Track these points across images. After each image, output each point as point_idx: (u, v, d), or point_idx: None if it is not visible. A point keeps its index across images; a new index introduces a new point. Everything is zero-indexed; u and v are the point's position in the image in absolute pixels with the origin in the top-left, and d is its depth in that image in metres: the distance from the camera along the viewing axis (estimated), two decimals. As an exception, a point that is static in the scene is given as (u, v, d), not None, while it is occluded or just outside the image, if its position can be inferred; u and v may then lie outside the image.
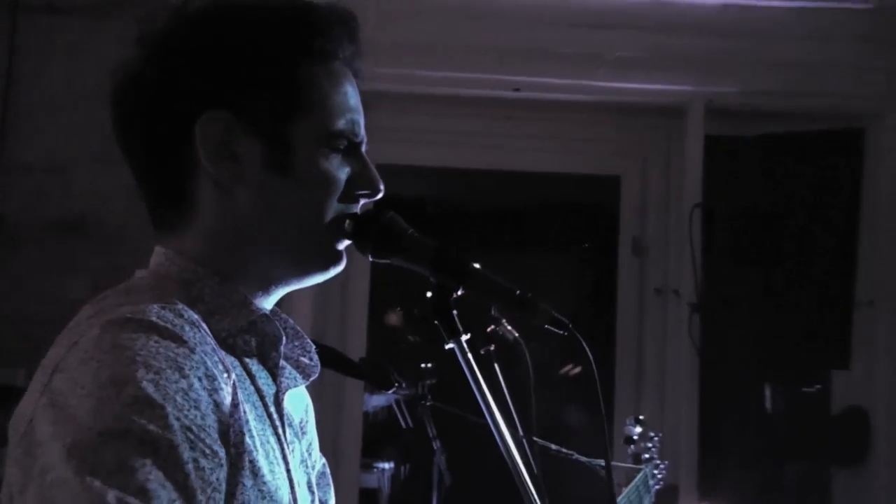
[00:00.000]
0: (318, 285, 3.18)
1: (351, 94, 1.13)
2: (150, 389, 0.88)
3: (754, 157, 3.22)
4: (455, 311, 1.10)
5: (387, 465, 4.70)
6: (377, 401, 4.39)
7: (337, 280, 3.17)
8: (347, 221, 1.10)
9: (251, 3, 1.11)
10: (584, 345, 1.10)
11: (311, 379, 1.17)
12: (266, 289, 1.11)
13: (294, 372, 1.15)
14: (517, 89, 3.21)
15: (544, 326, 1.10)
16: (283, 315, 1.17)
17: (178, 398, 0.89)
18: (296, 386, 1.14)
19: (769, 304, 3.20)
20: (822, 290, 3.20)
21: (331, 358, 1.19)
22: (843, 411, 3.27)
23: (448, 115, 3.33)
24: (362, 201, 1.13)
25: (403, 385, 1.56)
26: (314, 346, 1.18)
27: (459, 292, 1.10)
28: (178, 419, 0.88)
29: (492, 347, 2.12)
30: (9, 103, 2.98)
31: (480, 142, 3.37)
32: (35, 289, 2.91)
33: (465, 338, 1.09)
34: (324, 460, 1.31)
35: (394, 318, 4.54)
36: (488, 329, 2.13)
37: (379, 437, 4.60)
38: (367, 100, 3.60)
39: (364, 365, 1.61)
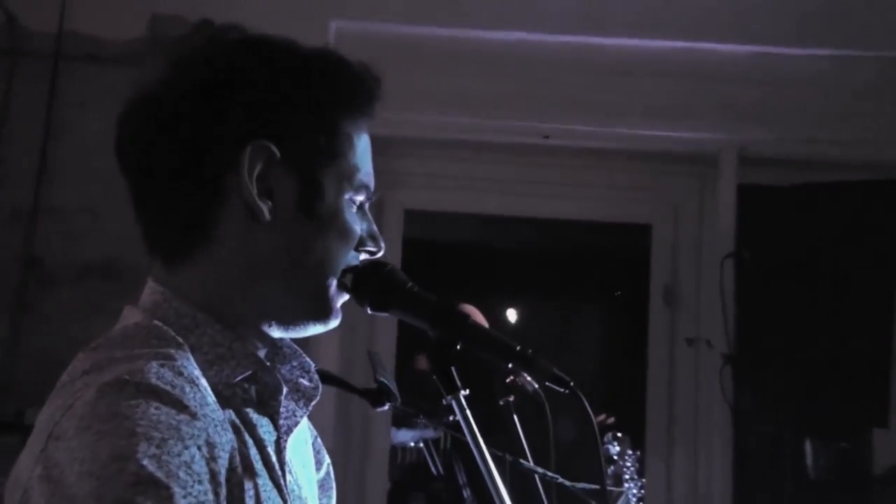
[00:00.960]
0: (344, 323, 3.17)
1: (369, 154, 1.16)
2: (153, 467, 0.84)
3: (789, 207, 3.18)
4: (454, 367, 1.09)
5: (416, 513, 4.65)
6: (404, 436, 4.37)
7: (365, 324, 3.20)
8: (347, 275, 1.10)
9: (291, 45, 1.12)
10: (586, 403, 1.08)
11: (313, 404, 1.15)
12: (269, 332, 1.10)
13: (292, 406, 1.12)
14: (547, 136, 3.21)
15: (545, 384, 1.08)
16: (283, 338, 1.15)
17: (182, 473, 0.86)
18: (296, 423, 1.11)
19: (805, 356, 3.13)
20: (859, 343, 3.13)
21: (322, 377, 1.18)
22: (886, 471, 3.18)
23: (477, 161, 3.33)
24: (363, 257, 1.13)
25: (399, 401, 1.53)
26: (313, 366, 1.16)
27: (458, 347, 1.09)
28: (184, 497, 0.84)
29: (511, 398, 2.11)
30: (47, 149, 3.04)
31: (509, 188, 3.36)
32: (65, 330, 2.94)
33: (463, 394, 1.08)
34: (328, 461, 1.31)
35: (423, 363, 4.52)
36: (508, 380, 2.12)
37: (409, 481, 4.57)
38: (398, 146, 3.64)
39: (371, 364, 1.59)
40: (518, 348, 1.08)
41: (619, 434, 2.04)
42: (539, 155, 3.32)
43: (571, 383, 1.07)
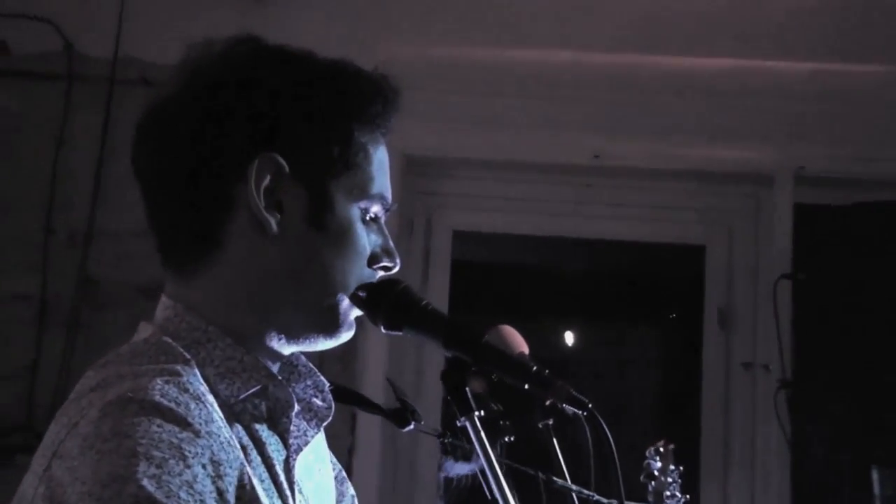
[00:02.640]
0: (391, 355, 3.15)
1: (387, 165, 1.14)
2: (152, 488, 0.83)
3: (846, 227, 3.08)
4: (468, 387, 1.06)
5: (470, 539, 4.60)
6: (461, 469, 4.33)
7: (412, 348, 3.19)
8: (361, 292, 1.09)
9: (307, 56, 1.11)
10: (604, 424, 1.05)
11: (325, 424, 1.13)
12: (278, 348, 1.09)
13: (304, 425, 1.11)
14: (597, 156, 3.17)
15: (562, 405, 1.05)
16: (296, 353, 1.14)
17: (183, 493, 0.85)
18: (307, 442, 1.10)
19: (865, 381, 3.02)
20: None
21: (343, 394, 1.17)
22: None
23: (527, 181, 3.30)
24: (379, 274, 1.12)
25: (422, 422, 1.51)
26: (328, 385, 1.15)
27: (473, 367, 1.06)
28: None
29: (550, 421, 2.07)
30: (102, 172, 3.11)
31: (560, 209, 3.32)
32: (118, 351, 2.98)
33: (477, 415, 1.05)
34: (352, 492, 1.29)
35: (477, 385, 4.49)
36: (547, 402, 2.08)
37: (463, 506, 4.52)
38: (446, 166, 3.64)
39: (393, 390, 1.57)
40: (534, 369, 1.05)
41: (662, 449, 1.96)
42: (590, 175, 3.28)
43: (589, 405, 1.04)
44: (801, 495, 3.03)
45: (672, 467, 1.95)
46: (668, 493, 1.91)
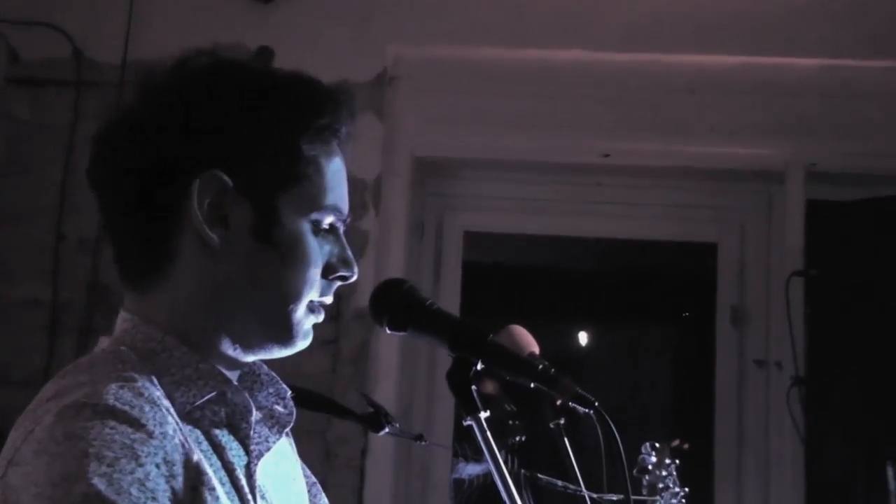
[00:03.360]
0: (402, 358, 3.15)
1: (342, 176, 1.13)
2: (102, 486, 0.85)
3: (859, 223, 3.06)
4: (474, 387, 1.06)
5: (484, 539, 4.59)
6: (472, 470, 4.32)
7: (424, 349, 3.19)
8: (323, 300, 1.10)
9: (259, 70, 1.12)
10: (611, 423, 1.04)
11: (286, 430, 1.14)
12: (234, 357, 1.09)
13: (266, 431, 1.11)
14: (607, 155, 3.16)
15: (568, 404, 1.05)
16: (257, 362, 1.14)
17: (134, 490, 0.87)
18: (269, 448, 1.10)
19: (879, 378, 3.00)
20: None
21: (317, 402, 1.17)
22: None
23: (537, 181, 3.29)
24: (336, 284, 1.12)
25: (397, 425, 1.52)
26: (289, 392, 1.15)
27: (479, 367, 1.06)
28: None
29: (561, 421, 2.06)
30: (112, 176, 3.11)
31: (570, 209, 3.31)
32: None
33: (483, 415, 1.05)
34: (326, 500, 1.27)
35: (490, 387, 4.48)
36: (558, 402, 2.07)
37: (477, 505, 4.51)
38: (455, 167, 3.63)
39: (366, 402, 1.58)
40: (540, 367, 1.04)
41: (658, 444, 1.97)
42: (600, 174, 3.27)
43: (595, 403, 1.03)
44: (815, 492, 3.01)
45: (668, 461, 1.95)
46: (661, 485, 1.90)
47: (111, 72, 3.11)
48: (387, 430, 1.47)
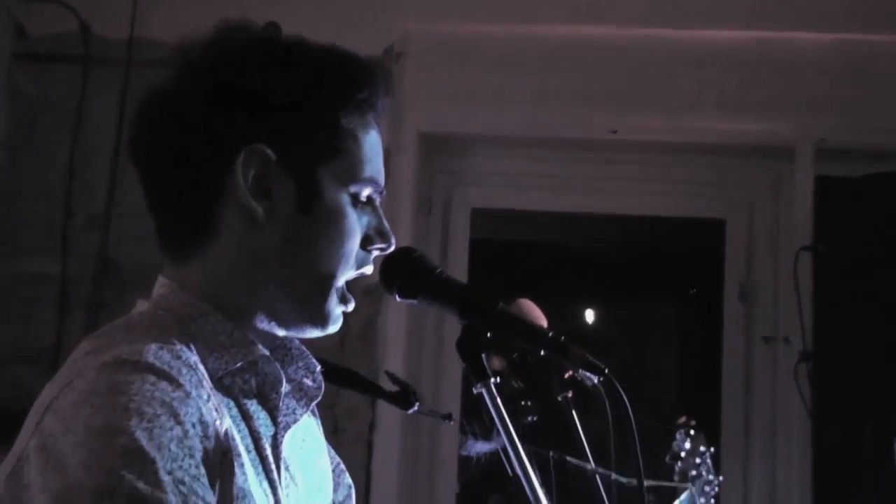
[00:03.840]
0: (410, 334, 3.14)
1: (379, 148, 1.14)
2: (143, 440, 0.87)
3: (868, 198, 3.05)
4: (483, 354, 1.06)
5: (492, 514, 4.62)
6: (482, 447, 4.34)
7: (431, 325, 3.19)
8: (363, 271, 1.11)
9: (297, 44, 1.12)
10: (621, 390, 1.04)
11: (314, 403, 1.15)
12: (269, 329, 1.10)
13: (294, 404, 1.12)
14: (615, 131, 3.15)
15: (579, 371, 1.05)
16: (289, 336, 1.15)
17: (173, 447, 0.88)
18: (296, 421, 1.11)
19: (888, 353, 3.00)
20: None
21: (347, 378, 1.17)
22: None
23: (545, 158, 3.28)
24: (375, 254, 1.13)
25: (424, 405, 1.52)
26: (318, 367, 1.16)
27: (488, 334, 1.06)
28: (169, 472, 0.87)
29: (569, 394, 2.07)
30: (120, 153, 3.12)
31: (578, 185, 3.30)
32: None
33: (493, 381, 1.05)
34: (350, 483, 1.29)
35: (496, 363, 4.49)
36: (566, 375, 2.08)
37: (484, 484, 4.53)
38: (463, 144, 3.61)
39: (391, 381, 1.58)
40: (550, 334, 1.05)
41: (693, 431, 1.96)
42: (608, 150, 3.26)
43: (606, 370, 1.04)
44: (822, 467, 3.02)
45: (703, 448, 1.94)
46: (693, 472, 1.90)
47: (119, 48, 3.12)
48: (416, 408, 1.48)
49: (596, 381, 2.07)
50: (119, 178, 3.12)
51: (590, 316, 4.91)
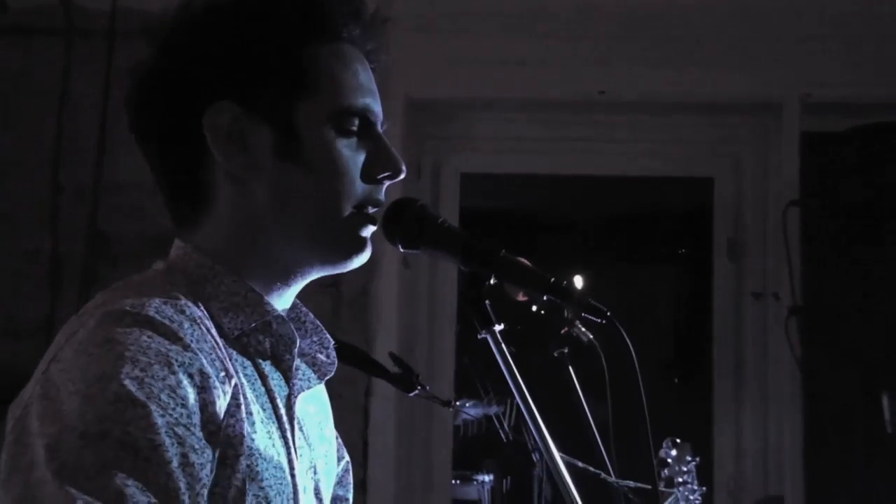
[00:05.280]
0: (402, 302, 3.14)
1: (361, 74, 1.11)
2: (134, 387, 0.88)
3: (855, 151, 3.06)
4: (487, 301, 1.07)
5: (487, 478, 4.67)
6: (468, 412, 4.37)
7: (424, 292, 3.19)
8: (370, 208, 1.09)
9: None
10: (624, 333, 1.06)
11: (327, 378, 1.16)
12: (286, 280, 1.10)
13: (309, 372, 1.14)
14: (602, 91, 3.15)
15: (581, 315, 1.06)
16: (304, 309, 1.16)
17: (164, 396, 0.90)
18: (309, 388, 1.13)
19: (876, 307, 3.03)
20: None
21: (354, 356, 1.18)
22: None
23: (532, 121, 3.29)
24: (386, 183, 1.12)
25: (427, 388, 1.54)
26: (332, 343, 1.17)
27: (491, 281, 1.07)
28: (162, 416, 0.88)
29: (566, 350, 2.08)
30: (107, 126, 3.10)
31: (566, 147, 3.31)
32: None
33: (497, 328, 1.06)
34: (347, 458, 1.29)
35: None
36: (562, 331, 2.09)
37: (479, 449, 4.58)
38: (450, 108, 3.58)
39: (393, 362, 1.59)
40: (553, 279, 1.05)
41: (679, 440, 1.98)
42: (595, 111, 3.26)
43: (608, 313, 1.05)
44: (812, 421, 3.06)
45: (689, 458, 1.96)
46: (679, 479, 1.92)
47: (101, 19, 3.08)
48: (417, 391, 1.49)
49: (591, 336, 2.09)
50: (107, 151, 3.10)
51: (579, 280, 4.93)
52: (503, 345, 1.06)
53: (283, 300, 1.12)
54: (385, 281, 3.07)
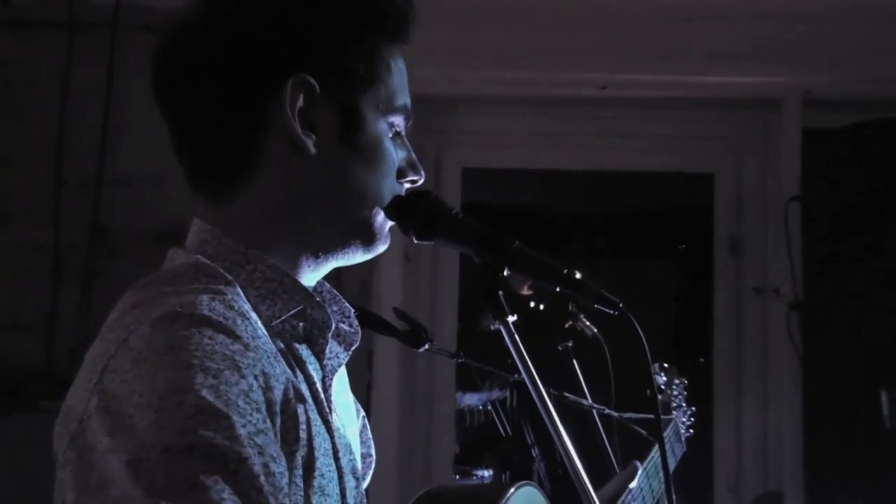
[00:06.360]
0: (406, 291, 3.14)
1: (407, 92, 1.13)
2: (212, 397, 0.83)
3: (855, 147, 3.07)
4: (501, 292, 1.08)
5: (486, 473, 4.68)
6: (471, 399, 4.39)
7: (425, 287, 3.20)
8: (393, 203, 1.10)
9: None
10: (636, 324, 1.06)
11: (353, 348, 1.14)
12: (315, 264, 1.09)
13: (336, 347, 1.12)
14: (604, 87, 3.16)
15: (594, 306, 1.07)
16: (320, 281, 1.15)
17: (241, 402, 0.85)
18: (340, 365, 1.12)
19: (876, 302, 3.04)
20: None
21: (363, 318, 1.17)
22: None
23: (534, 116, 3.29)
24: (405, 188, 1.13)
25: (435, 343, 1.54)
26: (353, 311, 1.16)
27: (505, 273, 1.08)
28: (244, 426, 0.84)
29: (570, 343, 2.10)
30: (109, 120, 3.10)
31: (568, 142, 3.32)
32: (134, 297, 3.00)
33: (511, 319, 1.07)
34: (363, 413, 1.29)
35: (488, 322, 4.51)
36: (567, 325, 2.11)
37: (478, 443, 4.59)
38: (453, 104, 3.58)
39: (399, 318, 1.60)
40: (565, 271, 1.06)
41: (666, 364, 2.02)
42: (597, 107, 3.27)
43: (620, 304, 1.05)
44: (812, 416, 3.07)
45: (677, 381, 1.99)
46: (674, 404, 1.95)
47: (104, 12, 3.08)
48: (426, 346, 1.49)
49: (595, 330, 2.10)
50: (109, 144, 3.10)
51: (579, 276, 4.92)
52: (516, 335, 1.06)
53: (308, 282, 1.11)
54: (387, 274, 3.07)
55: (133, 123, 3.08)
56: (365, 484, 1.22)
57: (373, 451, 1.28)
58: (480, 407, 4.49)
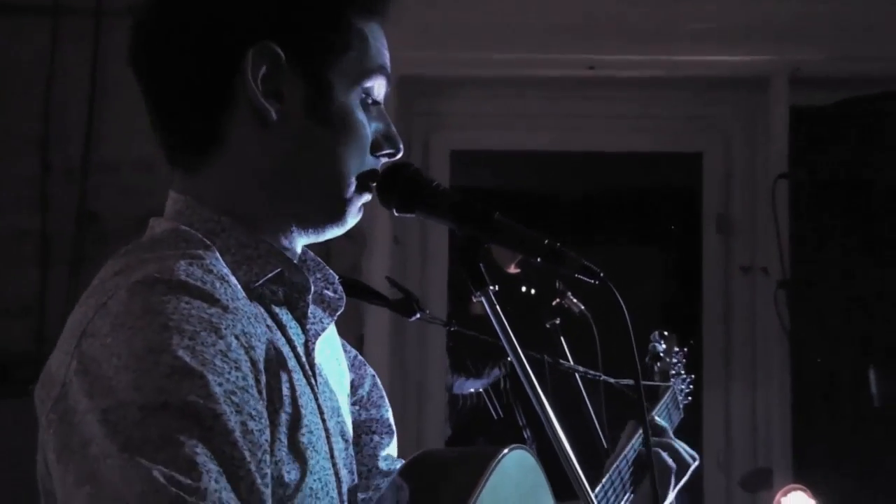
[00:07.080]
0: (396, 274, 3.14)
1: (384, 51, 1.12)
2: (187, 357, 0.85)
3: (842, 125, 3.08)
4: (482, 263, 1.08)
5: (478, 456, 4.68)
6: (470, 385, 4.38)
7: (415, 268, 3.20)
8: (372, 180, 1.09)
9: None
10: (616, 293, 1.06)
11: (338, 314, 1.14)
12: (288, 235, 1.09)
13: (320, 313, 1.12)
14: (591, 67, 3.15)
15: (575, 276, 1.07)
16: (303, 248, 1.15)
17: (217, 361, 0.87)
18: (323, 329, 1.11)
19: (864, 280, 3.05)
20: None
21: (353, 288, 1.17)
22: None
23: (522, 97, 3.29)
24: (382, 161, 1.12)
25: (427, 312, 1.54)
26: (337, 277, 1.16)
27: (485, 243, 1.08)
28: (220, 385, 0.86)
29: (557, 321, 2.10)
30: (95, 105, 3.09)
31: (556, 124, 3.32)
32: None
33: (492, 289, 1.07)
34: (372, 372, 1.31)
35: (479, 307, 4.51)
36: (554, 303, 2.11)
37: (470, 426, 4.59)
38: (440, 86, 3.57)
39: (391, 285, 1.60)
40: (546, 241, 1.06)
41: (666, 333, 2.01)
42: (585, 88, 3.27)
43: (601, 274, 1.06)
44: (801, 395, 3.08)
45: (676, 349, 1.99)
46: (672, 371, 1.95)
47: (87, -3, 3.07)
48: (418, 315, 1.49)
49: (583, 307, 2.11)
50: (95, 129, 3.09)
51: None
52: (497, 306, 1.06)
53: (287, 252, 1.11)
54: (376, 257, 3.07)
55: (120, 108, 3.06)
56: (387, 451, 1.30)
57: (389, 415, 1.32)
58: (472, 390, 4.49)
